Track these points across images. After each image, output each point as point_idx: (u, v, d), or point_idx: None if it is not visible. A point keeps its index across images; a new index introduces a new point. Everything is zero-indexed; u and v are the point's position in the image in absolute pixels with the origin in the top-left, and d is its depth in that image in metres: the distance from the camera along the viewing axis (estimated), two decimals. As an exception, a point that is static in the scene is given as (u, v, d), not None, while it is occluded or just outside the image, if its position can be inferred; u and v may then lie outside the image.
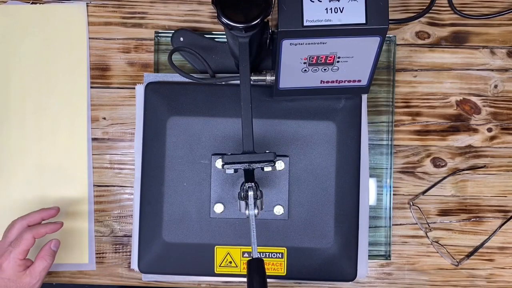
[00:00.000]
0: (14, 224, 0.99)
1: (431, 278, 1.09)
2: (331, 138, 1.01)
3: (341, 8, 0.79)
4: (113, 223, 1.08)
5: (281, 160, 1.00)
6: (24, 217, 1.00)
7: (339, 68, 0.88)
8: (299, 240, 1.01)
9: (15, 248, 0.96)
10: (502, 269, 1.09)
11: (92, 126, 1.07)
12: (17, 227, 0.99)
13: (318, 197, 1.01)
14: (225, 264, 1.02)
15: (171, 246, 1.01)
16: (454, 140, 1.08)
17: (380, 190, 1.08)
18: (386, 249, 1.08)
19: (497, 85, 1.08)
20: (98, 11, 1.07)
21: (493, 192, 1.09)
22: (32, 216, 1.00)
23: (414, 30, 1.07)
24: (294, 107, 1.00)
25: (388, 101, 1.07)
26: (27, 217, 1.00)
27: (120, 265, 1.08)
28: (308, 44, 0.82)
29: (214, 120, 1.01)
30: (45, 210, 1.02)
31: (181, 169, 1.01)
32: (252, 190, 0.85)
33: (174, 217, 1.01)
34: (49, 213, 1.02)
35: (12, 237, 0.98)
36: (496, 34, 1.08)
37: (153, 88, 1.02)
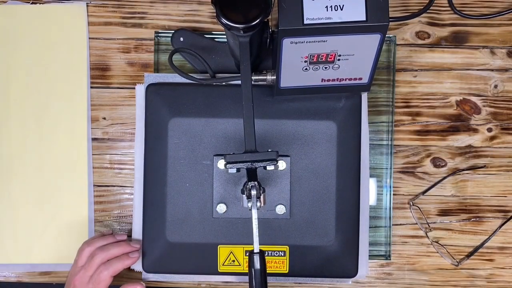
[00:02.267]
0: (94, 255, 1.00)
1: (431, 278, 1.09)
2: (332, 138, 1.01)
3: (341, 5, 0.79)
4: (113, 223, 1.08)
5: (283, 160, 1.00)
6: (105, 251, 1.01)
7: (340, 66, 0.88)
8: (301, 238, 1.01)
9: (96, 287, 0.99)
10: (502, 269, 1.09)
11: (92, 126, 1.07)
12: (96, 261, 1.00)
13: (319, 196, 1.01)
14: (228, 263, 1.02)
15: (175, 246, 1.01)
16: (454, 140, 1.08)
17: (380, 190, 1.08)
18: (386, 249, 1.08)
19: (497, 85, 1.08)
20: (98, 11, 1.08)
21: (493, 192, 1.09)
22: (112, 251, 1.01)
23: (414, 30, 1.08)
24: (295, 107, 1.01)
25: (388, 101, 1.07)
26: (108, 252, 1.01)
27: (120, 265, 1.08)
28: (308, 43, 0.83)
29: (215, 121, 1.01)
30: (124, 243, 1.03)
31: (184, 170, 1.01)
32: (255, 189, 0.85)
33: (177, 218, 1.01)
34: (131, 249, 1.03)
35: (91, 271, 1.00)
36: (496, 34, 1.08)
37: (154, 89, 1.02)
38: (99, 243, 1.02)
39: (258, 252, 0.85)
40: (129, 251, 1.03)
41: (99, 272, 0.99)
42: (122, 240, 1.04)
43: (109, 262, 1.00)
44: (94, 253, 1.00)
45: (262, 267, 0.84)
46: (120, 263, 1.00)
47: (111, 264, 0.99)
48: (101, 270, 0.99)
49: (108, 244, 1.02)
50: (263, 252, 0.85)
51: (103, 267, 0.99)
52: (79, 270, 1.00)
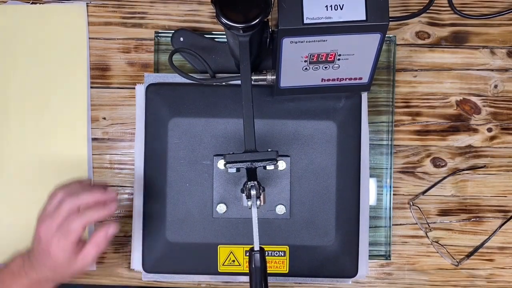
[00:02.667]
0: (62, 201, 0.90)
1: (431, 278, 1.09)
2: (332, 138, 1.01)
3: (341, 5, 0.79)
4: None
5: (283, 160, 1.00)
6: (74, 197, 0.91)
7: (340, 66, 0.88)
8: (301, 238, 1.01)
9: (64, 239, 0.89)
10: (502, 269, 1.09)
11: (92, 126, 1.07)
12: (65, 209, 0.90)
13: (319, 195, 1.01)
14: (228, 263, 1.02)
15: (175, 246, 1.01)
16: (454, 140, 1.08)
17: (380, 190, 1.08)
18: (386, 249, 1.08)
19: (497, 85, 1.08)
20: (98, 11, 1.08)
21: (493, 192, 1.09)
22: (83, 197, 0.91)
23: (414, 30, 1.08)
24: (295, 107, 1.01)
25: (388, 101, 1.07)
26: (78, 198, 0.90)
27: (120, 265, 1.08)
28: (308, 42, 0.83)
29: (215, 121, 1.01)
30: (99, 190, 0.93)
31: (184, 170, 1.01)
32: (254, 189, 0.85)
33: (177, 218, 1.01)
34: (106, 197, 0.93)
35: (59, 219, 0.90)
36: (496, 34, 1.08)
37: (154, 90, 1.02)
38: (73, 189, 0.92)
39: (258, 250, 0.85)
40: (104, 200, 0.92)
41: (69, 221, 0.89)
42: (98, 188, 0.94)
43: (81, 211, 0.90)
44: (63, 199, 0.91)
45: (262, 265, 0.85)
46: (95, 213, 0.90)
47: (84, 213, 0.89)
48: (72, 219, 0.89)
49: (81, 191, 0.92)
50: (264, 250, 0.85)
51: (74, 216, 0.89)
52: (46, 217, 0.91)
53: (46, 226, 0.90)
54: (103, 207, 0.91)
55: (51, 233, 0.89)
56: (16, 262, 0.96)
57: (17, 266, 0.95)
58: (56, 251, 0.89)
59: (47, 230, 0.90)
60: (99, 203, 0.92)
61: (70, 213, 0.90)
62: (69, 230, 0.89)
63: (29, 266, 0.94)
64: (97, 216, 0.90)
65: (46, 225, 0.90)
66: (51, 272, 0.92)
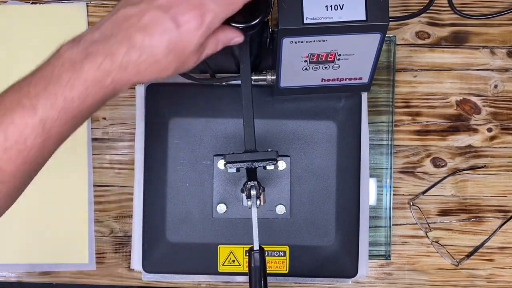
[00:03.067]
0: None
1: (431, 278, 1.09)
2: (332, 138, 1.01)
3: (341, 5, 0.79)
4: (113, 223, 1.08)
5: (283, 160, 1.00)
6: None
7: (340, 66, 0.88)
8: (301, 238, 1.01)
9: (219, 5, 0.67)
10: (502, 269, 1.09)
11: (92, 126, 1.07)
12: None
13: (319, 195, 1.01)
14: (228, 263, 1.02)
15: (175, 246, 1.01)
16: (454, 140, 1.08)
17: (380, 190, 1.08)
18: (386, 249, 1.08)
19: (497, 85, 1.08)
20: (98, 11, 1.08)
21: (493, 192, 1.09)
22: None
23: (414, 30, 1.08)
24: (295, 107, 1.01)
25: (388, 101, 1.07)
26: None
27: (120, 265, 1.08)
28: (308, 42, 0.82)
29: (215, 121, 1.01)
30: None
31: (184, 170, 1.01)
32: (254, 189, 0.85)
33: (178, 218, 1.01)
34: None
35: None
36: (496, 34, 1.08)
37: (154, 90, 1.02)
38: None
39: (258, 249, 0.85)
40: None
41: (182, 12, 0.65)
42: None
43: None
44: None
45: (262, 264, 0.85)
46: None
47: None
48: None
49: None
50: (263, 249, 0.85)
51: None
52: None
53: (131, 14, 0.66)
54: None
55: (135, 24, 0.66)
56: (71, 47, 0.67)
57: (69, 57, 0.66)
58: (187, 22, 0.66)
59: (130, 19, 0.66)
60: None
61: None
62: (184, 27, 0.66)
63: (102, 41, 0.66)
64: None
65: (136, 11, 0.66)
66: (134, 53, 0.65)
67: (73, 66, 0.65)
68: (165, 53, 0.66)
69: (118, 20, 0.66)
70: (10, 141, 0.64)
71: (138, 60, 0.65)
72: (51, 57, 0.68)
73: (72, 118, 0.66)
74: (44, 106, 0.64)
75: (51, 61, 0.67)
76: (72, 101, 0.65)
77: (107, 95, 0.67)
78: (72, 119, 0.67)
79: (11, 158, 0.65)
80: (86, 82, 0.65)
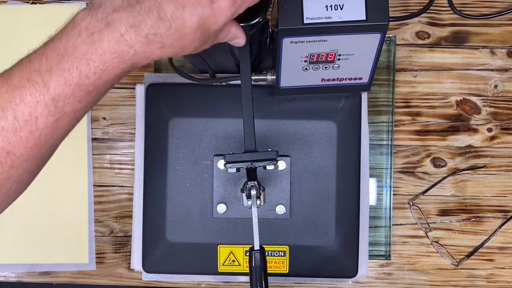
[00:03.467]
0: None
1: (431, 278, 1.09)
2: (332, 138, 1.01)
3: (341, 5, 0.79)
4: (113, 223, 1.08)
5: (283, 160, 1.00)
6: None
7: (340, 65, 0.88)
8: (301, 238, 1.01)
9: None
10: (502, 269, 1.09)
11: (92, 126, 1.07)
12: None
13: (319, 196, 1.01)
14: (228, 263, 1.02)
15: (175, 246, 1.01)
16: (454, 140, 1.08)
17: (380, 190, 1.08)
18: (386, 249, 1.08)
19: (497, 85, 1.08)
20: (98, 11, 1.07)
21: (493, 192, 1.09)
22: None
23: (414, 30, 1.08)
24: (295, 107, 1.01)
25: (388, 101, 1.07)
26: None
27: (120, 265, 1.08)
28: (308, 42, 0.82)
29: (215, 121, 1.01)
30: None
31: (184, 170, 1.01)
32: (254, 188, 0.85)
33: (178, 218, 1.01)
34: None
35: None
36: (496, 34, 1.08)
37: (154, 90, 1.02)
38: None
39: (258, 249, 0.85)
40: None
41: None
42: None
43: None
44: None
45: (262, 264, 0.85)
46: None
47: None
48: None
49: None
50: (264, 249, 0.85)
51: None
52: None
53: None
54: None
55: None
56: (89, 14, 0.61)
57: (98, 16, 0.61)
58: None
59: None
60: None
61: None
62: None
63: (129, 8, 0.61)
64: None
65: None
66: (162, 25, 0.61)
67: (90, 37, 0.59)
68: (193, 28, 0.62)
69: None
70: (20, 122, 0.60)
71: (165, 33, 0.61)
72: (66, 26, 0.61)
73: (87, 95, 0.61)
74: (57, 82, 0.59)
75: (65, 31, 0.61)
76: (87, 77, 0.60)
77: (126, 70, 0.62)
78: (87, 96, 0.61)
79: (22, 140, 0.60)
80: (104, 55, 0.59)
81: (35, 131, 0.61)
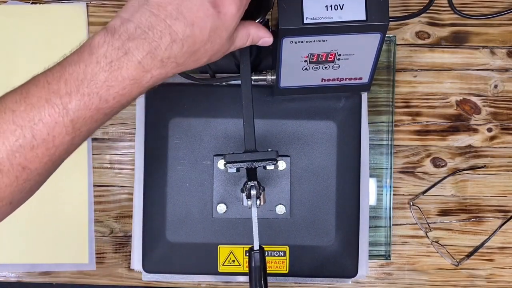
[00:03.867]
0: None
1: (431, 278, 1.09)
2: (332, 138, 1.01)
3: (341, 5, 0.79)
4: (113, 223, 1.08)
5: (283, 160, 1.00)
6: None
7: (340, 65, 0.88)
8: (301, 238, 1.01)
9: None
10: (502, 269, 1.09)
11: (92, 126, 1.07)
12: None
13: (319, 195, 1.01)
14: (228, 263, 1.02)
15: (175, 246, 1.01)
16: (454, 140, 1.08)
17: (380, 190, 1.08)
18: (386, 249, 1.08)
19: (497, 85, 1.08)
20: (98, 11, 1.08)
21: (493, 192, 1.09)
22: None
23: (414, 30, 1.08)
24: (295, 107, 1.01)
25: (388, 101, 1.07)
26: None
27: (120, 265, 1.08)
28: (308, 42, 0.83)
29: (215, 121, 1.01)
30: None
31: (184, 170, 1.01)
32: (254, 188, 0.85)
33: (178, 218, 1.01)
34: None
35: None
36: (496, 34, 1.08)
37: (154, 90, 1.01)
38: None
39: (258, 249, 0.85)
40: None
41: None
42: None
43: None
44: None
45: (262, 264, 0.85)
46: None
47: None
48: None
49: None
50: (263, 249, 0.85)
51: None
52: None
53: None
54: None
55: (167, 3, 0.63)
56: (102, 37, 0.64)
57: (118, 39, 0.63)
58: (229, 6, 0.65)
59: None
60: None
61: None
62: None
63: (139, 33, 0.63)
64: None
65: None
66: (175, 46, 0.64)
67: (109, 65, 0.62)
68: (204, 41, 0.64)
69: (152, 7, 0.62)
70: (38, 140, 0.62)
71: (179, 54, 0.63)
72: (82, 51, 0.63)
73: (104, 116, 0.65)
74: (77, 106, 0.62)
75: (82, 56, 0.63)
76: (107, 101, 0.63)
77: (142, 92, 0.65)
78: (104, 117, 0.65)
79: (38, 157, 0.63)
80: (124, 82, 0.62)
81: (51, 148, 0.63)
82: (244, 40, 0.72)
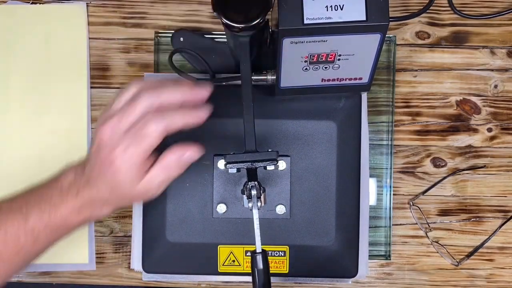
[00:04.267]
0: (138, 96, 0.71)
1: (431, 278, 1.09)
2: (332, 138, 1.01)
3: (341, 5, 0.79)
4: (113, 223, 1.08)
5: (283, 160, 1.00)
6: (154, 92, 0.71)
7: (340, 66, 0.88)
8: (301, 238, 1.01)
9: (134, 146, 0.70)
10: (502, 269, 1.09)
11: (92, 126, 1.07)
12: (141, 105, 0.70)
13: (320, 195, 1.01)
14: (228, 263, 1.02)
15: (175, 246, 1.01)
16: (454, 140, 1.08)
17: (380, 190, 1.08)
18: (386, 249, 1.08)
19: (497, 85, 1.08)
20: (98, 11, 1.08)
21: (493, 192, 1.09)
22: (166, 95, 0.71)
23: (414, 30, 1.08)
24: (295, 107, 1.01)
25: (388, 101, 1.07)
26: (159, 94, 0.71)
27: (120, 265, 1.08)
28: (308, 42, 0.82)
29: (215, 121, 1.00)
30: (188, 87, 0.73)
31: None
32: (255, 189, 0.85)
33: (177, 218, 1.01)
34: (197, 97, 0.73)
35: (131, 117, 0.70)
36: (496, 34, 1.08)
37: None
38: (153, 85, 0.72)
39: (261, 252, 0.85)
40: (194, 100, 0.73)
41: (144, 122, 0.69)
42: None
43: (162, 111, 0.71)
44: (139, 94, 0.71)
45: (265, 267, 0.84)
46: (180, 117, 0.71)
47: (166, 114, 0.70)
48: (148, 119, 0.69)
49: (163, 87, 0.72)
50: (266, 251, 0.85)
51: (152, 116, 0.70)
52: (112, 116, 0.71)
53: (112, 127, 0.71)
54: (191, 111, 0.74)
55: (118, 136, 0.71)
56: (67, 176, 0.80)
57: (68, 182, 0.79)
58: (120, 161, 0.72)
59: (113, 132, 0.71)
60: (187, 104, 0.73)
61: (146, 112, 0.70)
62: (143, 134, 0.70)
63: (82, 182, 0.77)
64: (182, 122, 0.73)
65: (112, 125, 0.71)
66: (108, 192, 0.75)
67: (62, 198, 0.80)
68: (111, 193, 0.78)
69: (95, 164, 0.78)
70: (8, 237, 0.79)
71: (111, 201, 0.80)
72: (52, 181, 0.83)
73: (56, 229, 0.81)
74: (35, 217, 0.79)
75: (50, 184, 0.83)
76: (55, 220, 0.80)
77: (82, 224, 0.83)
78: (56, 230, 0.81)
79: (9, 249, 0.80)
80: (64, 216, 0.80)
81: (18, 245, 0.80)
82: (167, 172, 0.78)
